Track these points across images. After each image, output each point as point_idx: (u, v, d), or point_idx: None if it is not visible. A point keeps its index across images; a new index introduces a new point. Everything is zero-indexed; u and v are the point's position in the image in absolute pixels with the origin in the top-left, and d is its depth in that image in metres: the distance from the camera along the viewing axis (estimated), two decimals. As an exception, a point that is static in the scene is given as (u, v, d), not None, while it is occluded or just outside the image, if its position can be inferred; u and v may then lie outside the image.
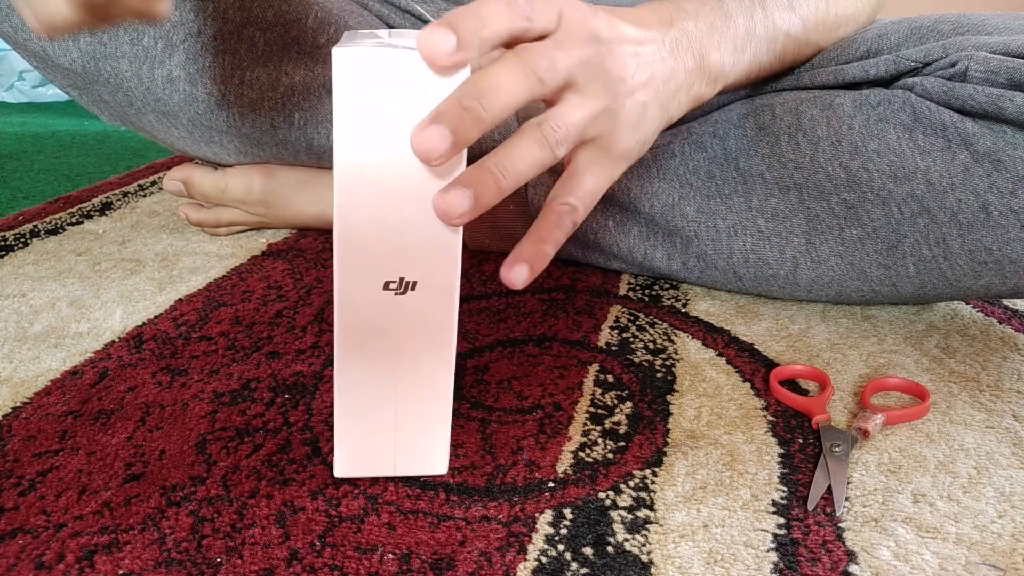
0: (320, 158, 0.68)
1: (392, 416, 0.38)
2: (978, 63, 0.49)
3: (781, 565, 0.35)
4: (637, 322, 0.59)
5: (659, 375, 0.51)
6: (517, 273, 0.37)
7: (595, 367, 0.52)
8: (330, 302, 0.59)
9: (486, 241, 0.71)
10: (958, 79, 0.50)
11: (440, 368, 0.38)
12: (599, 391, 0.49)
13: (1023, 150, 0.48)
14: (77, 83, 0.68)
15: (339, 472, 0.40)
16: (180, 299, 0.61)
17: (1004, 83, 0.48)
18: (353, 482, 0.40)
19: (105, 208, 0.84)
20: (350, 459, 0.39)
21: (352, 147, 0.34)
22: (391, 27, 0.73)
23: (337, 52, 0.32)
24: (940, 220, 0.51)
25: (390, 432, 0.39)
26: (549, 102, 0.38)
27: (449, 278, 0.36)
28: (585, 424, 0.45)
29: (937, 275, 0.53)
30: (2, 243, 0.72)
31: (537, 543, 0.36)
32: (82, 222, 0.79)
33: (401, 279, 0.36)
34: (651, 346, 0.55)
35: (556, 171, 0.67)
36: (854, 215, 0.54)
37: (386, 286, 0.36)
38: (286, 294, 0.62)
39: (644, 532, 0.37)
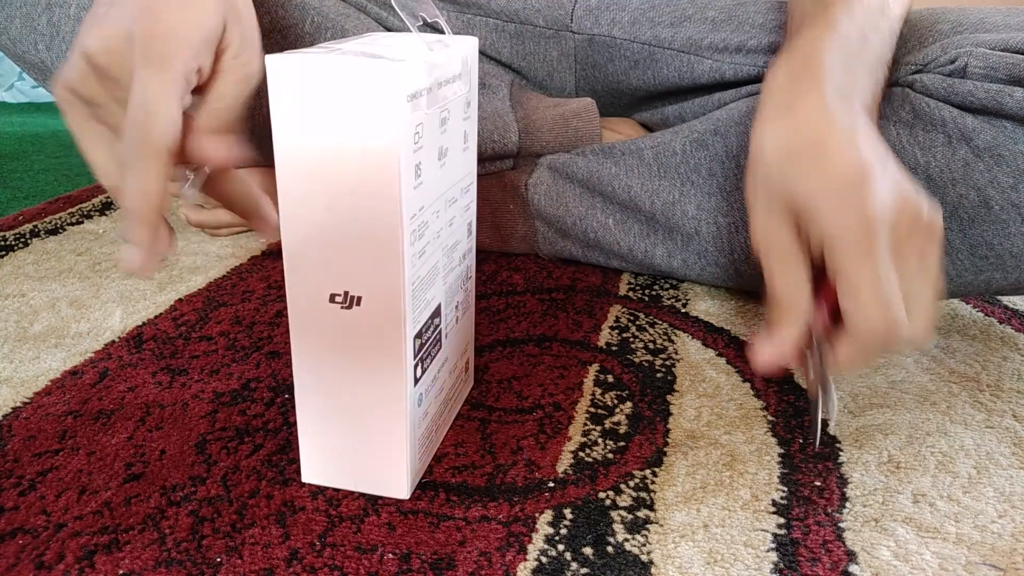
0: None
1: (350, 430, 0.38)
2: (977, 59, 0.49)
3: (781, 565, 0.35)
4: (637, 322, 0.59)
5: (659, 375, 0.51)
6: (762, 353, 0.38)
7: (595, 367, 0.52)
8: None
9: (486, 241, 0.70)
10: (957, 75, 0.50)
11: (390, 391, 0.36)
12: (599, 391, 0.49)
13: (1023, 144, 0.47)
14: None
15: (305, 477, 0.39)
16: (180, 299, 0.61)
17: (1003, 79, 0.48)
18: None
19: (105, 208, 0.84)
20: (313, 466, 0.39)
21: (292, 157, 0.32)
22: (389, 30, 0.73)
23: (271, 60, 0.31)
24: (941, 215, 0.51)
25: (349, 446, 0.38)
26: None
27: (393, 296, 0.34)
28: (585, 424, 0.45)
29: None
30: (2, 243, 0.72)
31: (537, 543, 0.36)
32: (82, 222, 0.79)
33: (346, 293, 0.34)
34: (651, 346, 0.55)
35: (556, 169, 0.68)
36: None
37: (331, 299, 0.35)
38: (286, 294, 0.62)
39: (644, 532, 0.37)
